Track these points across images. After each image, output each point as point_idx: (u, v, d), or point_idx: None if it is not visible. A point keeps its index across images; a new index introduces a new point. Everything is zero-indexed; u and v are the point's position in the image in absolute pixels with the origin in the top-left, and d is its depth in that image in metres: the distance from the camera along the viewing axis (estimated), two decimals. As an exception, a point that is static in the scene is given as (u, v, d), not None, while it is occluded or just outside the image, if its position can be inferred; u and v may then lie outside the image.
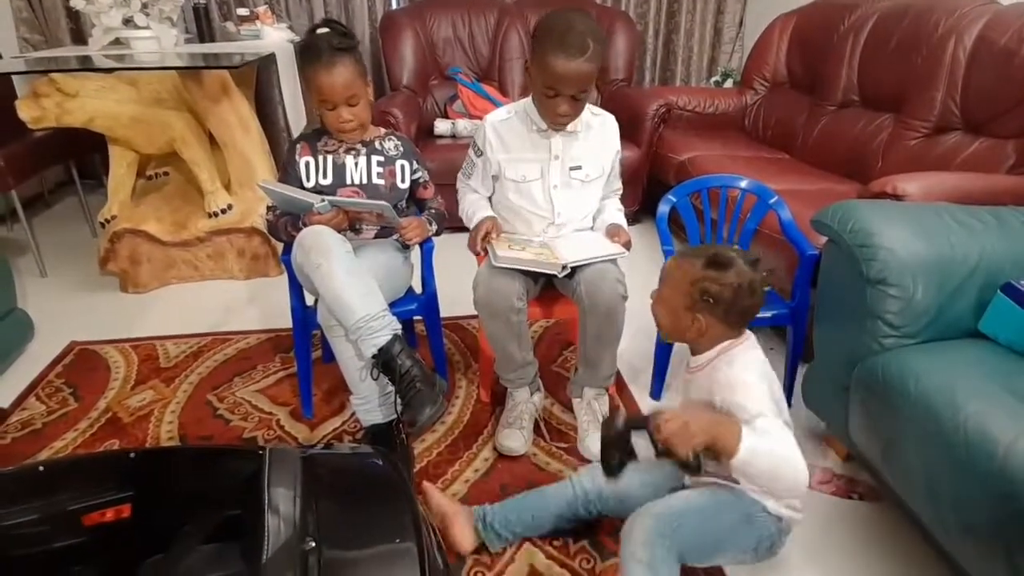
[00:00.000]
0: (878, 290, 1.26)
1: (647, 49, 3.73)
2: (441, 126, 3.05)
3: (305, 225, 1.47)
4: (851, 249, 1.30)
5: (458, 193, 1.70)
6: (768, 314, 1.65)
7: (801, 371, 1.72)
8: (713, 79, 3.69)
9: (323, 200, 1.45)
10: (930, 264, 1.27)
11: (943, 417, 1.09)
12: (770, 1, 3.39)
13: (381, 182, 1.60)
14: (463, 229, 1.65)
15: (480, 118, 3.06)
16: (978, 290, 1.28)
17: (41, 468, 0.96)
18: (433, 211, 1.69)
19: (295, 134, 2.86)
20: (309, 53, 1.45)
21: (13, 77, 2.89)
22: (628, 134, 2.93)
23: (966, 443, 1.04)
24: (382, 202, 1.48)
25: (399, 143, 1.64)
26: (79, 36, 3.28)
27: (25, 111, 2.29)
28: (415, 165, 1.65)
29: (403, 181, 1.62)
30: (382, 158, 1.60)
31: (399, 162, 1.61)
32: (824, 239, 1.51)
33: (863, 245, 1.27)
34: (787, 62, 2.97)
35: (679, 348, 1.85)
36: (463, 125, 3.03)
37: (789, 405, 1.27)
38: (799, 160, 2.63)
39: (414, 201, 1.71)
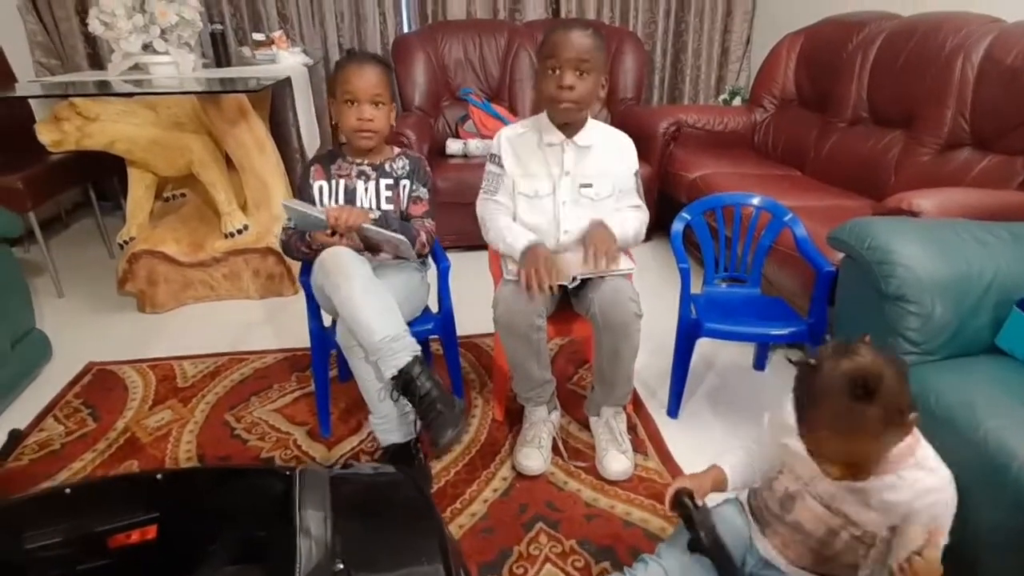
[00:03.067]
0: (897, 307, 1.26)
1: (655, 68, 3.77)
2: (453, 146, 3.09)
3: (311, 241, 1.50)
4: (869, 266, 1.30)
5: (482, 216, 1.61)
6: (785, 331, 1.65)
7: (819, 388, 1.71)
8: (721, 97, 3.71)
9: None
10: (947, 280, 1.27)
11: (964, 433, 1.10)
12: (777, 20, 3.43)
13: (390, 207, 1.60)
14: (475, 247, 1.63)
15: (491, 138, 3.10)
16: (994, 306, 1.28)
17: (67, 491, 0.97)
18: (409, 227, 1.59)
19: (309, 156, 2.90)
20: (346, 57, 1.55)
21: (31, 101, 2.94)
22: (638, 153, 2.94)
23: (987, 457, 1.04)
24: (402, 237, 1.50)
25: (407, 162, 1.63)
26: (96, 61, 3.34)
27: (45, 135, 2.34)
28: (415, 184, 1.62)
29: (405, 202, 1.63)
30: (391, 180, 1.61)
31: (403, 182, 1.62)
32: (840, 255, 1.51)
33: (881, 262, 1.28)
34: (796, 80, 2.99)
35: (696, 367, 1.85)
36: (475, 145, 3.07)
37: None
38: (810, 177, 2.64)
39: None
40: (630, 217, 1.59)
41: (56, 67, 3.38)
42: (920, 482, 0.90)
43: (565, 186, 1.55)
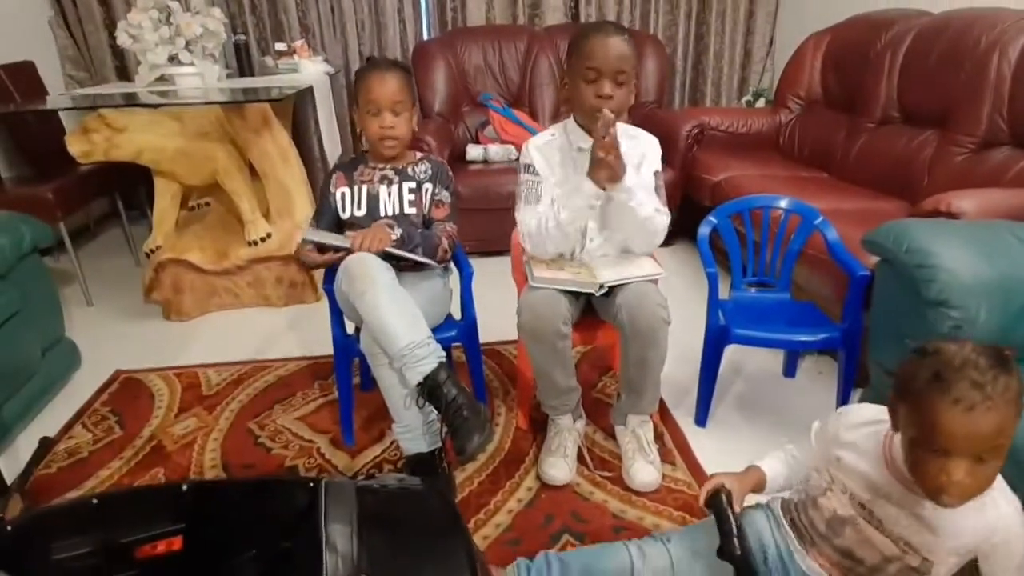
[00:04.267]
0: (939, 312, 1.21)
1: (676, 71, 3.73)
2: (473, 151, 3.08)
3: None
4: (908, 270, 1.25)
5: (531, 230, 1.49)
6: (817, 337, 1.60)
7: (854, 396, 1.67)
8: (744, 99, 3.66)
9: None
10: (991, 284, 1.22)
11: (1017, 445, 1.04)
12: (801, 20, 3.37)
13: (413, 211, 1.61)
14: (496, 253, 1.61)
15: (511, 143, 3.10)
16: (1043, 310, 1.23)
17: (95, 501, 0.97)
18: (430, 235, 1.59)
19: (331, 163, 2.91)
20: (367, 65, 1.58)
21: (60, 113, 3.00)
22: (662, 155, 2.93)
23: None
24: (426, 259, 1.53)
25: (430, 166, 1.65)
26: (124, 73, 3.40)
27: (75, 146, 2.38)
28: (437, 187, 1.63)
29: (427, 206, 1.64)
30: (413, 184, 1.62)
31: (425, 185, 1.63)
32: (874, 259, 1.47)
33: (921, 265, 1.23)
34: (822, 80, 2.93)
35: (724, 374, 1.81)
36: (495, 150, 3.06)
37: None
38: (839, 179, 2.58)
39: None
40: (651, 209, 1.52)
41: (85, 80, 3.45)
42: (996, 507, 0.84)
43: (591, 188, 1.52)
